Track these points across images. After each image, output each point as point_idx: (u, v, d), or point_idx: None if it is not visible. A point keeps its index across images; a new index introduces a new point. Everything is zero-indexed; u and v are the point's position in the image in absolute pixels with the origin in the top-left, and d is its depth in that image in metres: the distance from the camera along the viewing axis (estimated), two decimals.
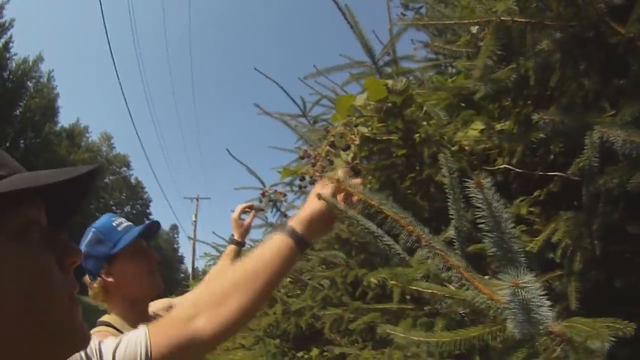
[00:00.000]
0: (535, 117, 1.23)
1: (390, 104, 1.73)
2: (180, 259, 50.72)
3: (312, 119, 2.22)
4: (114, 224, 1.19)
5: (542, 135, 1.38)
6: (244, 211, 1.57)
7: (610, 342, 0.68)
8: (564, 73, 1.41)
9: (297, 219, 0.87)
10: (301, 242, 0.85)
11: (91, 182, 0.52)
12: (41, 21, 63.03)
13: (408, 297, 1.68)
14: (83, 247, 1.16)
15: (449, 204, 1.36)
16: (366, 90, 1.68)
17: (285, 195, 1.71)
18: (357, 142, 1.52)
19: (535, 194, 1.56)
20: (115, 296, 1.17)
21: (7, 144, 25.92)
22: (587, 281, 1.23)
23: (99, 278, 1.16)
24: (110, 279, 1.15)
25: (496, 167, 1.69)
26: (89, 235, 1.18)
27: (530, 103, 1.61)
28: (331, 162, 1.51)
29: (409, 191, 1.80)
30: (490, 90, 1.51)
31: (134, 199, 41.52)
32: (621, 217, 1.19)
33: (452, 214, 1.36)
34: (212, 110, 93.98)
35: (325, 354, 2.21)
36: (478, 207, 0.76)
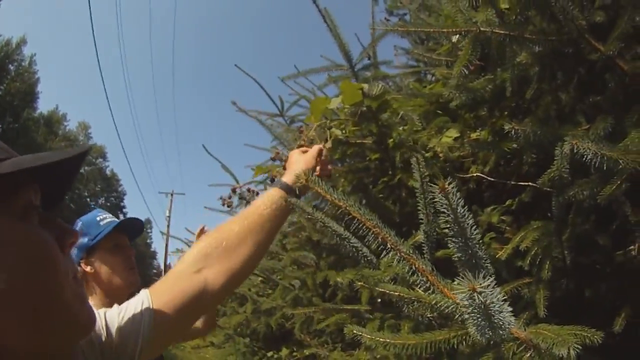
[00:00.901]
0: (507, 127, 1.25)
1: (365, 108, 1.74)
2: (153, 255, 49.86)
3: (289, 119, 2.21)
4: (97, 218, 1.25)
5: (514, 145, 1.40)
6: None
7: (576, 350, 0.68)
8: (541, 86, 1.43)
9: (287, 176, 0.96)
10: (293, 192, 0.92)
11: (79, 165, 0.52)
12: (27, 3, 61.06)
13: (379, 300, 1.70)
14: None
15: (419, 208, 1.37)
16: (341, 93, 1.68)
17: (257, 193, 1.70)
18: (328, 145, 1.53)
19: (507, 203, 1.58)
20: (92, 287, 1.22)
21: None
22: (557, 289, 1.25)
23: (78, 267, 1.21)
24: (88, 268, 1.20)
25: (469, 175, 1.71)
26: (75, 226, 1.23)
27: (506, 114, 1.62)
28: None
29: (381, 195, 1.81)
30: (465, 99, 1.52)
31: (109, 191, 40.72)
32: (591, 228, 1.22)
33: (421, 219, 1.37)
34: (192, 106, 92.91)
35: (295, 354, 2.21)
36: (443, 212, 0.77)
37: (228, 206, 1.69)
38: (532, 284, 1.29)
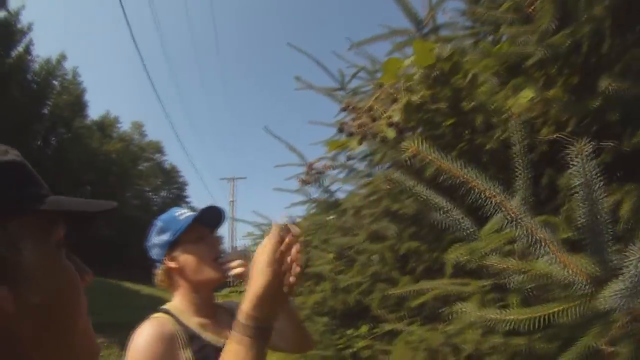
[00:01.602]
0: (603, 84, 1.15)
1: (438, 72, 1.65)
2: (219, 241, 51.20)
3: (351, 92, 2.14)
4: (176, 214, 1.22)
5: (596, 104, 1.31)
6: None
7: None
8: (615, 41, 1.33)
9: (245, 309, 0.72)
10: (260, 333, 0.71)
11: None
12: (61, 20, 63.73)
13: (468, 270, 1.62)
14: (150, 237, 1.22)
15: (517, 173, 1.29)
16: (414, 53, 1.60)
17: (332, 168, 1.66)
18: (404, 101, 1.46)
19: None
20: (178, 282, 1.19)
21: (39, 142, 26.78)
22: None
23: (162, 265, 1.19)
24: (172, 264, 1.18)
25: (547, 137, 1.60)
26: (155, 227, 1.22)
27: (577, 71, 1.52)
28: (374, 119, 1.44)
29: (460, 161, 1.71)
30: (546, 54, 1.43)
31: (170, 184, 41.66)
32: None
33: (519, 184, 1.29)
34: (242, 88, 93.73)
35: (375, 330, 2.17)
36: (574, 174, 0.73)
37: (308, 185, 1.65)
38: (618, 251, 1.21)
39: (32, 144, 25.81)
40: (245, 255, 1.21)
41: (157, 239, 1.20)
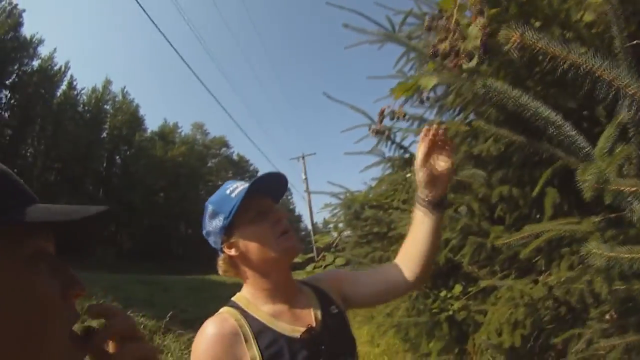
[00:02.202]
0: None
1: None
2: (298, 218, 52.12)
3: (406, 36, 1.96)
4: (227, 191, 1.02)
5: None
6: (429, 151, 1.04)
7: None
8: None
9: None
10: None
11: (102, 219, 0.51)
12: (97, 48, 66.80)
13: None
14: (204, 224, 1.05)
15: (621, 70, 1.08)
16: None
17: (405, 114, 1.51)
18: (490, 12, 1.29)
19: None
20: (245, 269, 1.02)
21: (104, 164, 28.81)
22: None
23: (222, 254, 1.03)
24: (232, 251, 1.00)
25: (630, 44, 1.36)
26: (206, 211, 1.04)
27: None
28: (463, 36, 1.26)
29: (538, 88, 1.51)
30: None
31: (241, 174, 42.91)
32: None
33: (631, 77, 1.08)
34: (289, 66, 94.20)
35: (470, 289, 2.03)
36: None
37: (381, 133, 1.51)
38: None
39: (98, 167, 27.91)
40: None
41: (210, 225, 1.02)
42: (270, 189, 1.04)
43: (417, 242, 1.07)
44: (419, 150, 1.04)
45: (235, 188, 1.02)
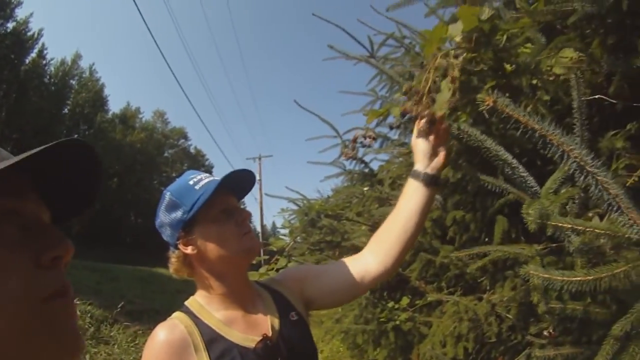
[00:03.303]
0: None
1: (478, 34, 1.58)
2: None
3: (382, 59, 2.07)
4: (191, 182, 0.94)
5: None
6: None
7: None
8: None
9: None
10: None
11: (95, 168, 0.46)
12: (73, 20, 64.13)
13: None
14: (158, 214, 0.96)
15: (574, 130, 1.22)
16: (459, 19, 1.53)
17: (375, 139, 1.60)
18: (457, 74, 1.39)
19: (628, 127, 1.45)
20: (200, 270, 0.95)
21: None
22: None
23: (176, 250, 0.94)
24: (189, 250, 0.92)
25: (590, 97, 1.53)
26: (163, 200, 0.95)
27: (613, 32, 1.44)
28: (433, 99, 1.38)
29: (501, 125, 1.66)
30: (590, 10, 1.35)
31: (196, 168, 42.25)
32: None
33: (576, 143, 1.23)
34: (263, 66, 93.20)
35: (417, 302, 2.15)
36: None
37: (353, 159, 1.60)
38: None
39: None
40: None
41: (167, 217, 0.93)
42: (235, 187, 0.98)
43: (400, 219, 1.00)
44: (417, 125, 1.11)
45: (200, 180, 0.94)
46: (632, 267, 0.86)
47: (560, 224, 0.98)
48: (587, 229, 0.95)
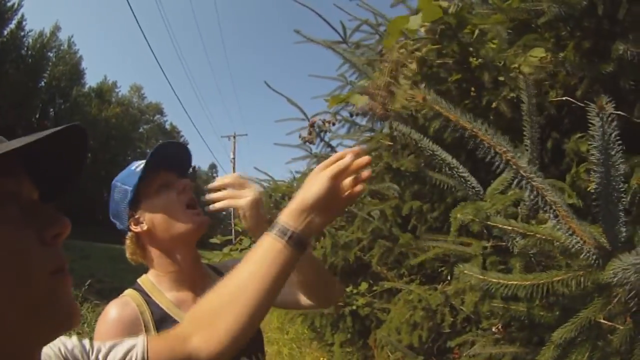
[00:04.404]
0: (619, 47, 1.08)
1: (444, 26, 1.58)
2: None
3: (354, 45, 2.07)
4: (133, 167, 0.97)
5: (609, 69, 1.24)
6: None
7: None
8: (632, 8, 1.26)
9: (288, 212, 0.68)
10: (295, 241, 0.66)
11: (82, 146, 0.47)
12: None
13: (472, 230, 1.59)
14: (110, 205, 0.99)
15: (524, 132, 1.23)
16: (420, 11, 1.53)
17: (333, 123, 1.61)
18: (414, 67, 1.41)
19: None
20: (150, 249, 0.97)
21: (37, 115, 26.60)
22: None
23: (129, 232, 0.97)
24: (139, 228, 0.95)
25: (557, 99, 1.55)
26: (113, 190, 0.98)
27: (590, 35, 1.45)
28: (392, 93, 1.40)
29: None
30: (560, 13, 1.36)
31: None
32: None
33: (527, 144, 1.23)
34: (243, 45, 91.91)
35: (375, 288, 2.19)
36: (591, 134, 0.67)
37: (310, 143, 1.60)
38: (628, 223, 1.17)
39: (30, 117, 25.65)
40: (241, 180, 0.93)
41: (117, 204, 0.97)
42: (173, 163, 0.99)
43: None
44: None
45: (141, 164, 0.97)
46: (573, 277, 0.86)
47: (500, 225, 0.99)
48: (528, 233, 0.96)
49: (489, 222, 0.92)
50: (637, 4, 1.25)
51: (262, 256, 0.66)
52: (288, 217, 0.67)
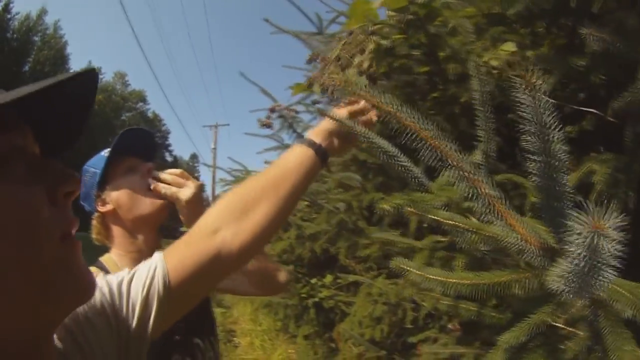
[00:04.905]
0: (583, 31, 1.04)
1: (412, 16, 1.55)
2: (202, 188, 52.44)
3: (329, 37, 2.03)
4: (103, 153, 1.03)
5: (582, 62, 1.21)
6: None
7: None
8: (607, 3, 1.23)
9: (316, 131, 0.78)
10: (321, 153, 0.75)
11: (88, 94, 0.44)
12: None
13: (425, 225, 1.57)
14: (81, 188, 1.00)
15: (477, 124, 1.18)
16: None
17: (296, 112, 1.58)
18: (372, 47, 1.37)
19: (567, 129, 1.38)
20: (113, 228, 1.01)
21: None
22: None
23: (96, 213, 1.01)
24: (106, 208, 0.99)
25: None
26: (84, 174, 1.03)
27: (564, 34, 1.43)
28: (343, 68, 1.36)
29: (431, 112, 1.66)
30: (524, 6, 1.32)
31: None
32: None
33: (480, 135, 1.18)
34: (228, 36, 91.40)
35: (339, 280, 2.17)
36: (523, 118, 0.55)
37: (268, 127, 1.57)
38: None
39: None
40: (185, 176, 1.02)
41: (87, 186, 1.01)
42: (139, 149, 1.04)
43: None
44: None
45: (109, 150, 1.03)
46: (517, 278, 0.82)
47: (441, 220, 0.94)
48: (470, 229, 0.91)
49: (429, 215, 0.87)
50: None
51: (295, 158, 0.73)
52: (313, 135, 0.78)
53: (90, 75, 0.41)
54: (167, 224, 1.09)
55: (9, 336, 0.35)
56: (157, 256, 0.61)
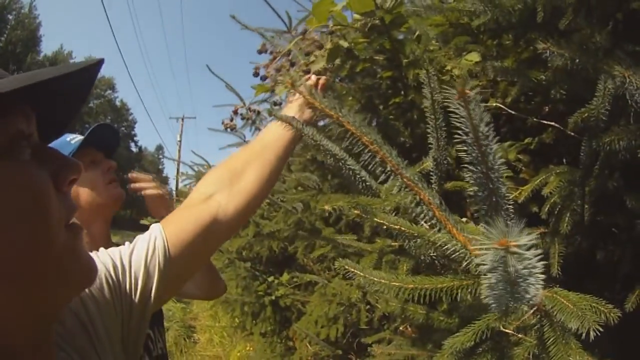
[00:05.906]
0: (540, 46, 1.06)
1: (377, 21, 1.56)
2: (165, 180, 50.94)
3: (299, 36, 2.01)
4: (67, 139, 1.06)
5: (543, 76, 1.23)
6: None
7: (596, 331, 0.52)
8: (576, 20, 1.25)
9: (289, 106, 0.92)
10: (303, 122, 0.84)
11: (88, 82, 0.43)
12: None
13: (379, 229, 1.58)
14: None
15: (428, 131, 1.19)
16: None
17: (258, 112, 1.56)
18: (328, 46, 1.36)
19: (527, 140, 1.42)
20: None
21: None
22: (570, 246, 1.10)
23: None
24: None
25: (487, 106, 1.55)
26: None
27: (532, 48, 1.46)
28: (292, 64, 1.34)
29: (392, 116, 1.67)
30: (491, 17, 1.33)
31: (119, 122, 40.10)
32: (621, 186, 1.04)
33: (431, 143, 1.18)
34: (201, 27, 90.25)
35: (295, 279, 2.16)
36: (458, 129, 0.54)
37: (231, 129, 1.55)
38: (548, 235, 1.12)
39: None
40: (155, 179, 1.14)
41: None
42: (103, 144, 1.11)
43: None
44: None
45: (75, 137, 1.08)
46: (459, 285, 0.80)
47: (387, 224, 0.94)
48: (414, 234, 0.91)
49: (375, 219, 0.87)
50: (580, 16, 1.24)
51: (273, 132, 0.81)
52: (287, 110, 0.91)
53: (95, 68, 0.40)
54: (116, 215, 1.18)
55: (20, 321, 0.35)
56: (156, 227, 0.61)
